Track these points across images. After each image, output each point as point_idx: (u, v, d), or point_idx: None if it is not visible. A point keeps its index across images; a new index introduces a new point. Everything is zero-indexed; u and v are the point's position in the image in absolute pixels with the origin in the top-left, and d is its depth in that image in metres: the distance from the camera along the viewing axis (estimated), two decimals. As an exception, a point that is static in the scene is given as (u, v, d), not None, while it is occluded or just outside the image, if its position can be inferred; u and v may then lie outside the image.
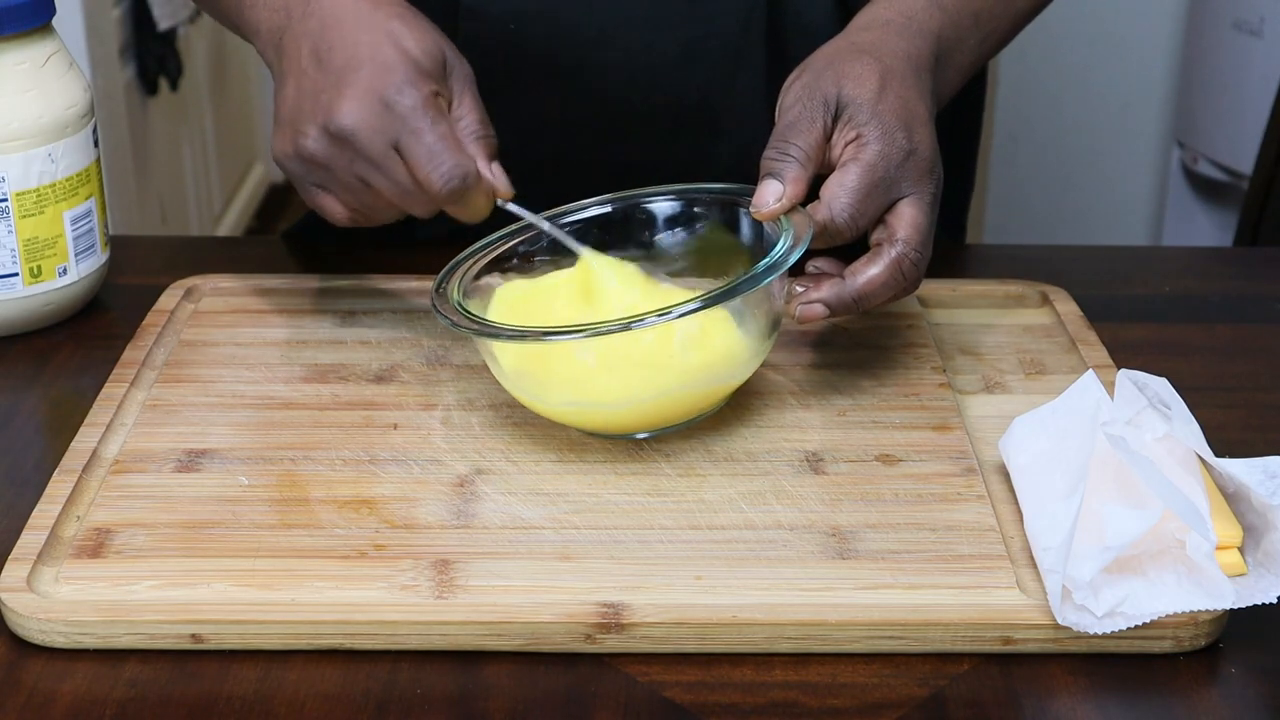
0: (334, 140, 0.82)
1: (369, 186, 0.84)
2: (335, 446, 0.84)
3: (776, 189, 0.83)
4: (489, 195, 0.85)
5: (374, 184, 0.83)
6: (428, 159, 0.82)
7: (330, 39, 0.84)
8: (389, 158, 0.82)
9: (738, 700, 0.68)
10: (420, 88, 0.82)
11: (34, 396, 0.93)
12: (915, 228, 0.83)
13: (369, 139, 0.82)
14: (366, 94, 0.82)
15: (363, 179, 0.83)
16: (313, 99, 0.83)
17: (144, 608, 0.71)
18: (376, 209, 0.85)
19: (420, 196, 0.83)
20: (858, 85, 0.84)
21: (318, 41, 0.85)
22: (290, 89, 0.85)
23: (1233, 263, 1.20)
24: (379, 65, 0.83)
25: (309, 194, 0.86)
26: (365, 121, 0.82)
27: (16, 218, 0.95)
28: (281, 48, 0.87)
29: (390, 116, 0.82)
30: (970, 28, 0.93)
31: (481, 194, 0.84)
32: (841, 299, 0.83)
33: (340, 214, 0.86)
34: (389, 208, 0.85)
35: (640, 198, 0.90)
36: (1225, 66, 2.38)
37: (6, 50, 0.94)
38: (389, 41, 0.84)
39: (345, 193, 0.85)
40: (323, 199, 0.86)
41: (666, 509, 0.78)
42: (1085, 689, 0.69)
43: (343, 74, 0.83)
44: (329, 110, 0.82)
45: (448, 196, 0.82)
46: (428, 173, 0.82)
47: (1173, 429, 0.74)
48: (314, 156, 0.83)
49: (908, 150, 0.83)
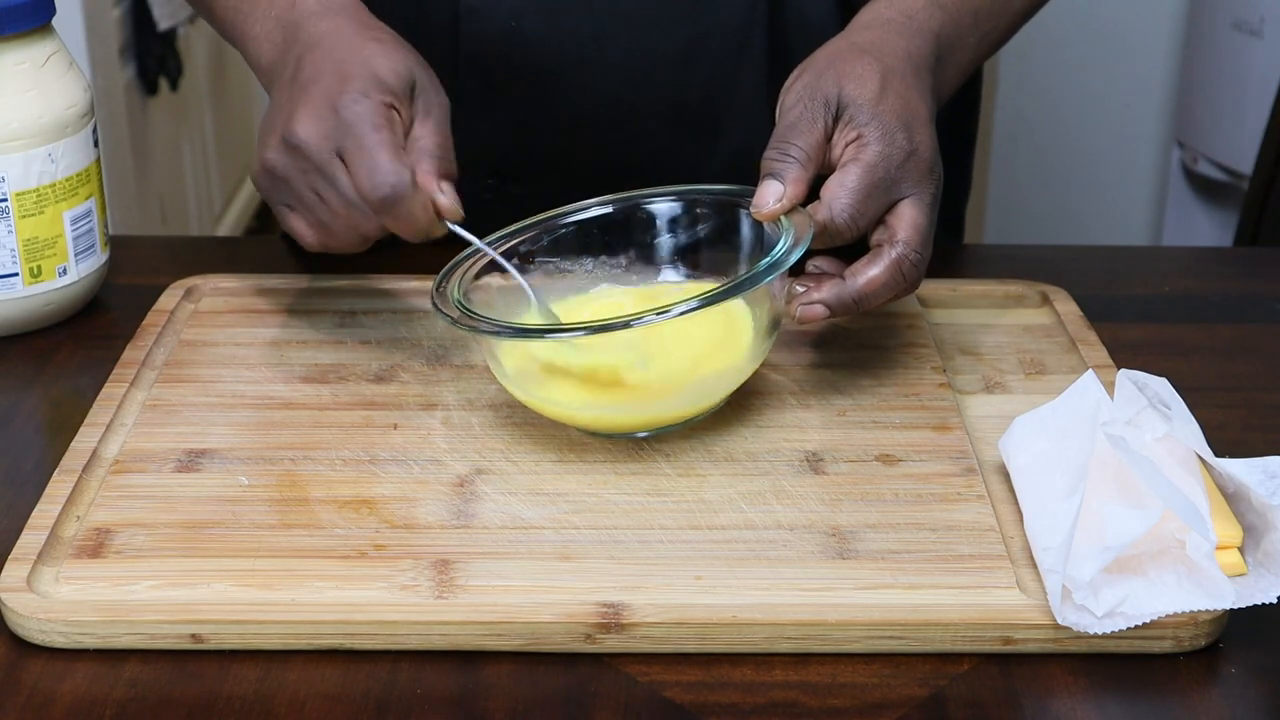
0: (289, 150, 0.83)
1: (322, 200, 0.83)
2: (335, 446, 0.84)
3: (777, 189, 0.83)
4: (427, 211, 0.83)
5: (324, 195, 0.83)
6: (362, 164, 0.81)
7: (307, 58, 0.85)
8: (332, 164, 0.82)
9: (738, 700, 0.68)
10: (372, 97, 0.82)
11: (34, 396, 0.93)
12: (915, 228, 0.83)
13: (316, 145, 0.82)
14: (320, 103, 0.82)
15: (315, 190, 0.83)
16: (278, 113, 0.85)
17: (144, 608, 0.71)
18: (334, 228, 0.84)
19: (362, 207, 0.82)
20: (858, 85, 0.84)
21: (296, 64, 0.86)
22: (269, 110, 0.86)
23: (1233, 263, 1.20)
24: (336, 78, 0.83)
25: (280, 215, 0.87)
26: (314, 129, 0.82)
27: (16, 218, 0.95)
28: (276, 76, 0.88)
29: (337, 123, 0.82)
30: (970, 26, 0.93)
31: (418, 207, 0.82)
32: (842, 299, 0.83)
33: (307, 234, 0.86)
34: (344, 226, 0.84)
35: (641, 199, 0.90)
36: (1225, 66, 2.38)
37: (6, 50, 0.94)
38: (356, 58, 0.84)
39: (305, 209, 0.85)
40: (291, 219, 0.86)
41: (666, 509, 0.78)
42: (1085, 689, 0.69)
43: (305, 87, 0.84)
44: (287, 121, 0.83)
45: (380, 203, 0.81)
46: (360, 177, 0.81)
47: (1173, 429, 0.74)
48: (274, 168, 0.84)
49: (908, 151, 0.83)
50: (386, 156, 0.81)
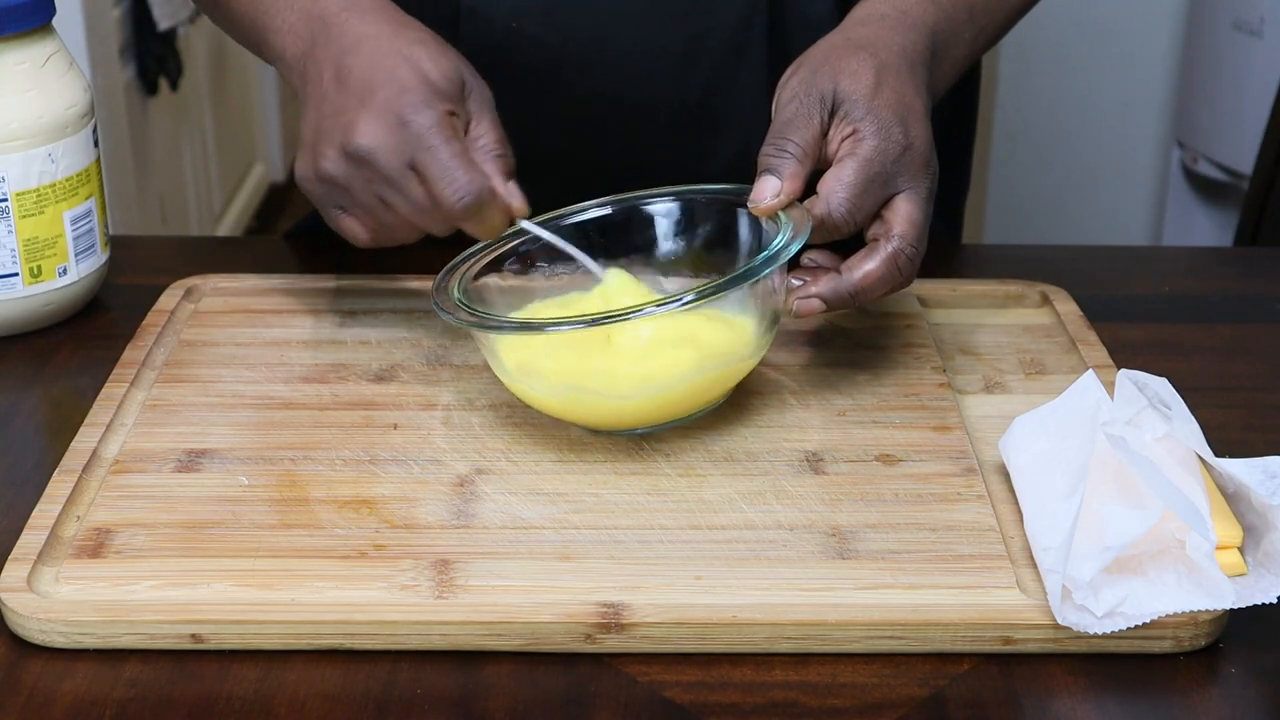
0: (352, 160, 0.83)
1: (387, 206, 0.84)
2: (335, 446, 0.84)
3: (774, 184, 0.83)
4: (504, 212, 0.85)
5: (392, 203, 0.84)
6: (443, 176, 0.82)
7: (350, 63, 0.85)
8: (405, 176, 0.83)
9: (738, 700, 0.68)
10: (435, 107, 0.83)
11: (34, 396, 0.93)
12: (911, 223, 0.83)
13: (386, 158, 0.83)
14: (383, 114, 0.83)
15: (381, 198, 0.84)
16: (332, 120, 0.84)
17: (144, 608, 0.71)
18: (395, 229, 0.86)
19: (437, 214, 0.84)
20: (853, 81, 0.84)
21: (339, 65, 0.86)
22: (312, 112, 0.86)
23: (1233, 263, 1.20)
24: (396, 86, 0.83)
25: (330, 216, 0.87)
26: (382, 141, 0.82)
27: (16, 218, 0.95)
28: (305, 73, 0.88)
29: (406, 135, 0.82)
30: (965, 22, 0.93)
31: (497, 211, 0.85)
32: (838, 293, 0.83)
33: (362, 235, 0.87)
34: (407, 227, 0.86)
35: (639, 199, 0.90)
36: (1225, 66, 2.38)
37: (6, 50, 0.94)
38: (407, 64, 0.84)
39: (365, 213, 0.86)
40: (344, 221, 0.87)
41: (666, 509, 0.78)
42: (1085, 689, 0.69)
43: (361, 95, 0.84)
44: (347, 131, 0.83)
45: (463, 213, 0.83)
46: (442, 189, 0.82)
47: (1173, 429, 0.74)
48: (333, 178, 0.84)
49: (904, 145, 0.83)
50: (462, 169, 0.82)
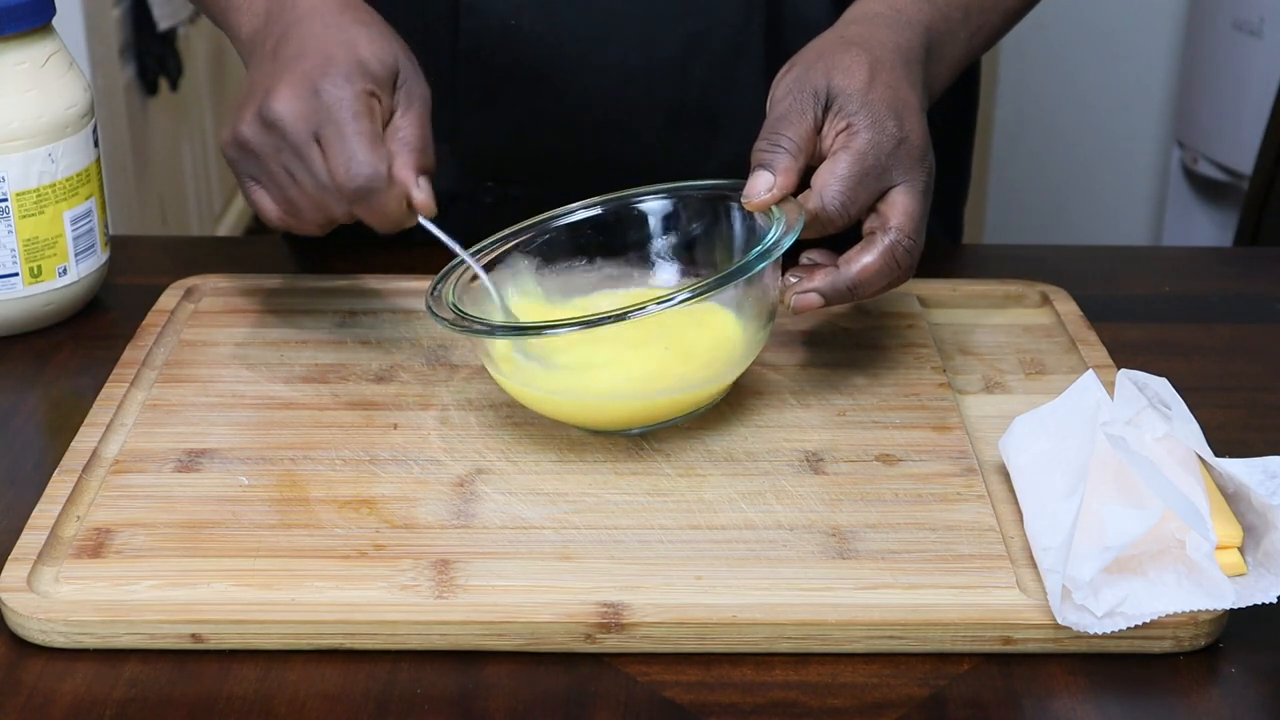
0: (264, 126, 0.83)
1: (293, 179, 0.83)
2: (335, 446, 0.84)
3: (767, 179, 0.83)
4: (400, 204, 0.83)
5: (296, 176, 0.83)
6: (340, 151, 0.81)
7: (290, 35, 0.85)
8: (309, 146, 0.82)
9: (738, 700, 0.68)
10: (355, 84, 0.82)
11: (34, 396, 0.93)
12: (908, 215, 0.83)
13: (293, 125, 0.82)
14: (301, 82, 0.82)
15: (288, 170, 0.83)
16: (255, 87, 0.84)
17: (144, 608, 0.71)
18: (301, 207, 0.84)
19: (335, 193, 0.82)
20: (847, 76, 0.84)
21: (280, 38, 0.86)
22: (246, 80, 0.86)
23: (1233, 263, 1.20)
24: (321, 58, 0.83)
25: (244, 187, 0.86)
26: (292, 108, 0.82)
27: (16, 218, 0.95)
28: (253, 48, 0.88)
29: (316, 105, 0.82)
30: (960, 21, 0.93)
31: (392, 200, 0.82)
32: (836, 288, 0.83)
33: (271, 211, 0.85)
34: (311, 205, 0.84)
35: (630, 198, 0.90)
36: (1225, 66, 2.38)
37: (6, 50, 0.94)
38: (340, 41, 0.84)
39: (273, 185, 0.84)
40: (255, 192, 0.86)
41: (666, 509, 0.78)
42: (1085, 689, 0.69)
43: (287, 64, 0.84)
44: (264, 96, 0.83)
45: (354, 193, 0.81)
46: (337, 164, 0.81)
47: (1173, 429, 0.74)
48: (247, 141, 0.84)
49: (898, 138, 0.83)
50: (364, 146, 0.81)
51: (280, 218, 0.86)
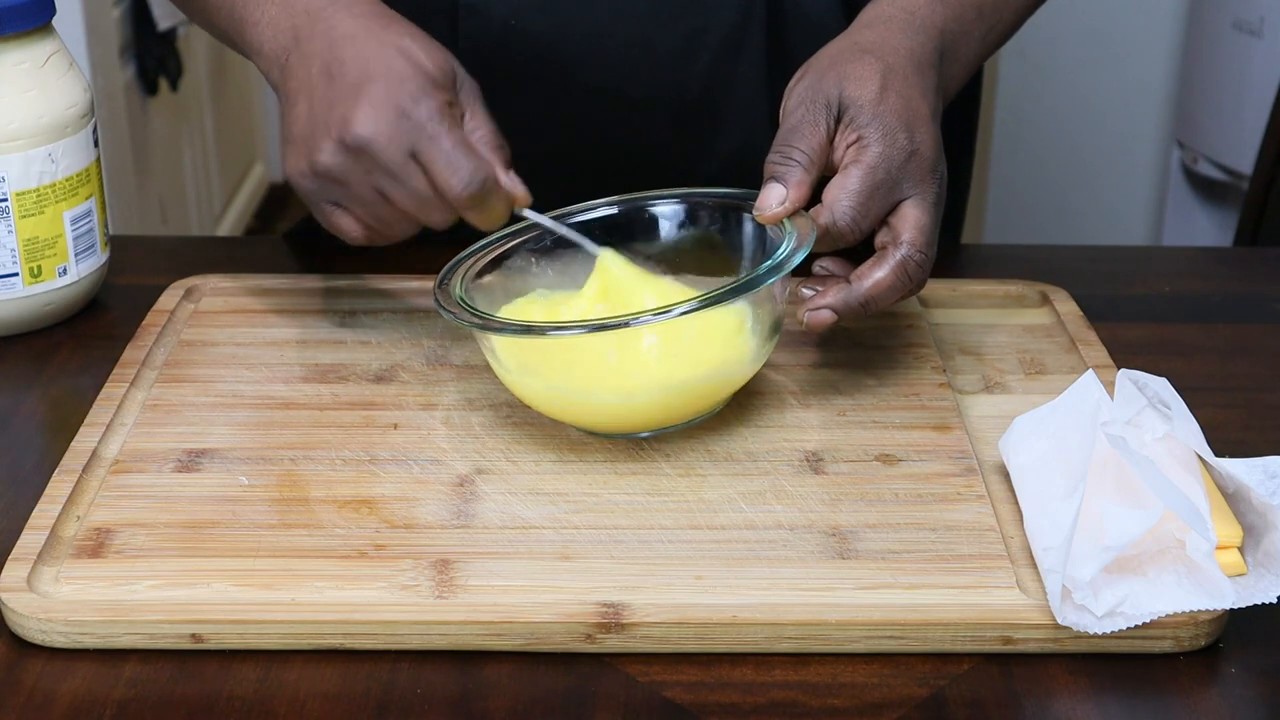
0: (350, 152, 0.82)
1: (385, 199, 0.84)
2: (335, 446, 0.84)
3: (779, 193, 0.83)
4: (507, 201, 0.85)
5: (391, 195, 0.83)
6: (447, 164, 0.82)
7: (341, 55, 0.85)
8: (407, 166, 0.82)
9: (738, 700, 0.68)
10: (435, 97, 0.83)
11: (34, 396, 0.93)
12: (919, 229, 0.83)
13: (386, 148, 0.82)
14: (382, 104, 0.82)
15: (380, 191, 0.83)
16: (326, 113, 0.83)
17: (144, 607, 0.71)
18: (392, 222, 0.85)
19: (439, 204, 0.83)
20: (859, 86, 0.84)
21: (328, 59, 0.85)
22: (302, 106, 0.85)
23: (1233, 263, 1.21)
24: (393, 77, 0.83)
25: (323, 213, 0.86)
26: (382, 131, 0.82)
27: (16, 218, 0.95)
28: (288, 67, 0.87)
29: (407, 125, 0.82)
30: (974, 21, 0.93)
31: (500, 199, 0.84)
32: (848, 304, 0.83)
33: (356, 231, 0.86)
34: (405, 220, 0.85)
35: (645, 200, 0.90)
36: (1225, 66, 2.38)
37: (6, 50, 0.94)
38: (400, 55, 0.84)
39: (361, 207, 0.85)
40: (338, 217, 0.86)
41: (666, 509, 0.78)
42: (1085, 689, 0.69)
43: (357, 87, 0.83)
44: (344, 123, 0.82)
45: (469, 201, 0.83)
46: (447, 178, 0.82)
47: (1173, 429, 0.74)
48: (329, 171, 0.83)
49: (909, 151, 0.83)
50: (467, 156, 0.82)
51: (366, 236, 0.86)
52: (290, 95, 0.86)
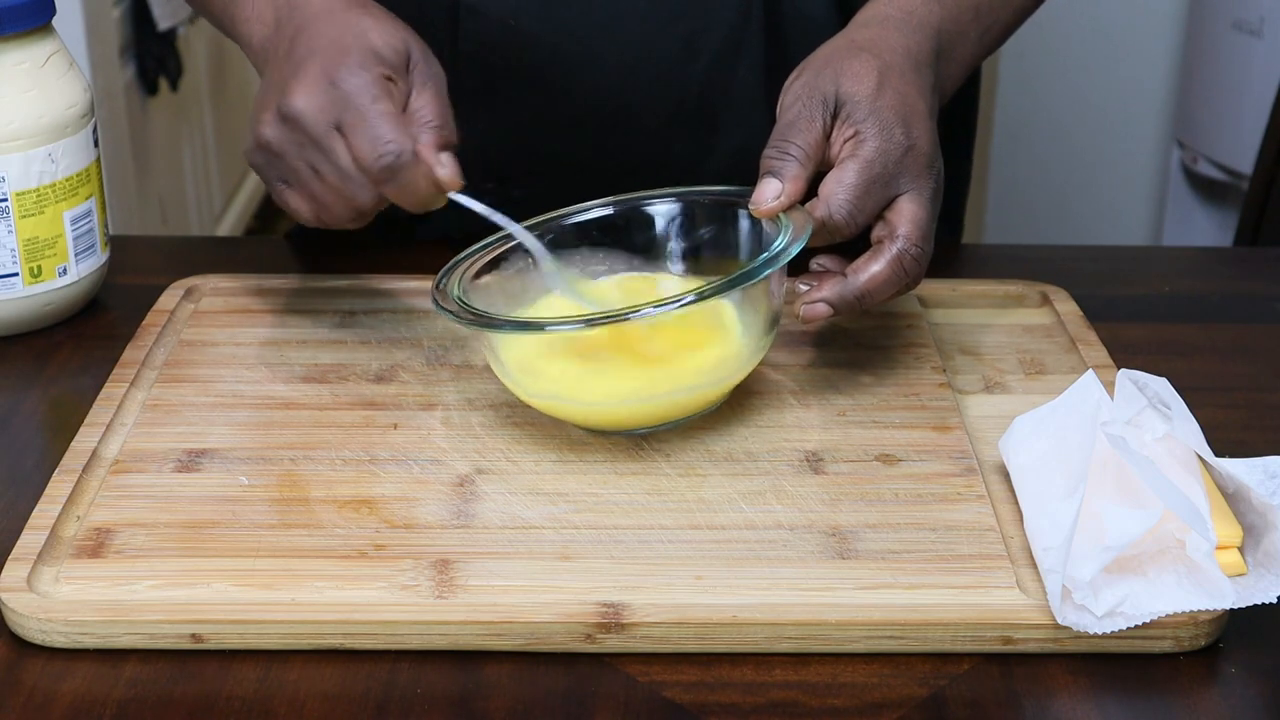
0: (285, 123, 0.83)
1: (317, 174, 0.83)
2: (335, 446, 0.84)
3: (775, 187, 0.83)
4: (430, 181, 0.83)
5: (319, 168, 0.83)
6: (363, 134, 0.81)
7: (301, 36, 0.86)
8: (331, 137, 0.82)
9: (738, 700, 0.68)
10: (370, 70, 0.83)
11: (34, 396, 0.93)
12: (915, 223, 0.83)
13: (313, 118, 0.82)
14: (317, 77, 0.82)
15: (311, 165, 0.83)
16: (275, 87, 0.84)
17: (144, 607, 0.71)
18: (328, 201, 0.84)
19: (360, 180, 0.82)
20: (855, 82, 0.84)
21: (293, 41, 0.86)
22: (262, 86, 0.86)
23: (1233, 263, 1.20)
24: (334, 50, 0.83)
25: (274, 191, 0.86)
26: (311, 101, 0.82)
27: (16, 218, 0.95)
28: (266, 55, 0.88)
29: (335, 95, 0.82)
30: (971, 21, 0.93)
31: (421, 177, 0.83)
32: (844, 298, 0.83)
33: (304, 209, 0.85)
34: (338, 199, 0.84)
35: (641, 200, 0.90)
36: (1225, 66, 2.38)
37: (6, 50, 0.94)
38: (350, 32, 0.84)
39: (300, 183, 0.84)
40: (286, 194, 0.86)
41: (666, 509, 0.78)
42: (1085, 689, 0.69)
43: (301, 61, 0.84)
44: (281, 93, 0.83)
45: (381, 173, 0.81)
46: (361, 148, 0.81)
47: (1173, 429, 0.74)
48: (269, 143, 0.84)
49: (906, 146, 0.83)
50: (387, 126, 0.81)
51: (312, 215, 0.86)
52: (262, 78, 0.88)
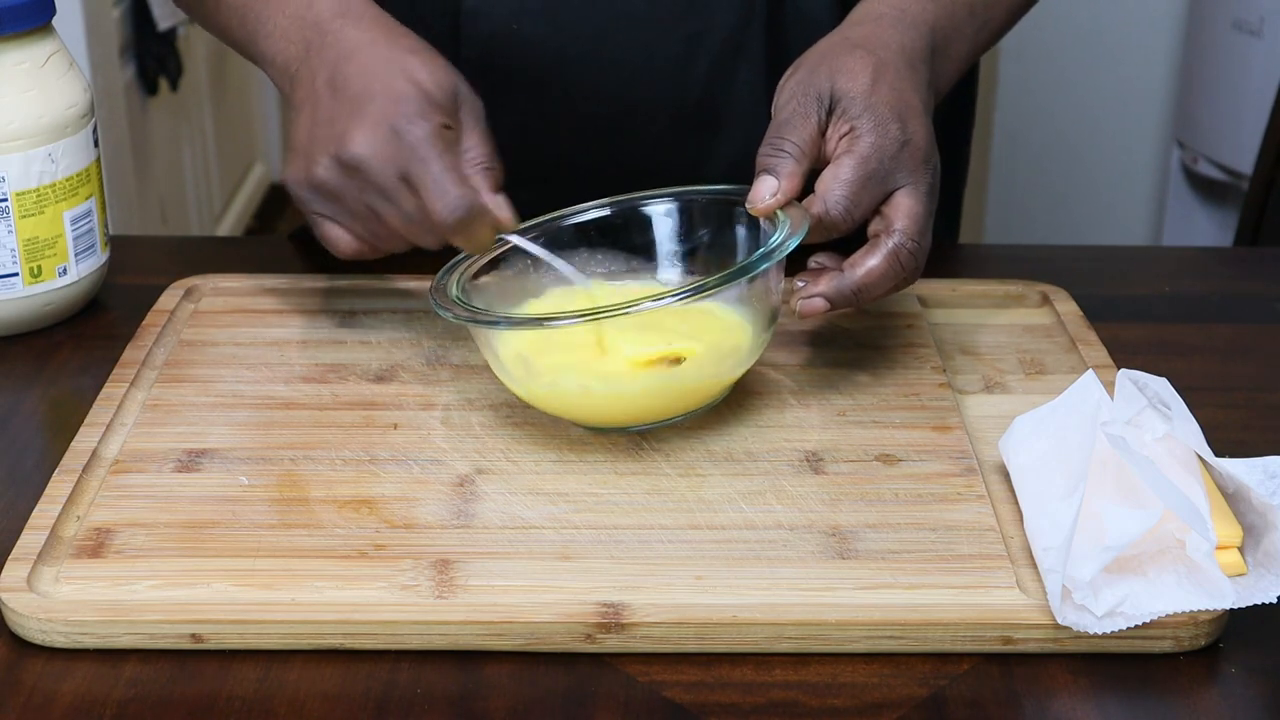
0: (345, 169, 0.83)
1: (378, 217, 0.84)
2: (335, 446, 0.84)
3: (771, 184, 0.83)
4: (492, 226, 0.85)
5: (382, 214, 0.84)
6: (434, 190, 0.82)
7: (346, 70, 0.85)
8: (398, 188, 0.83)
9: (738, 700, 0.68)
10: (430, 119, 0.83)
11: (34, 396, 0.93)
12: (912, 217, 0.83)
13: (379, 168, 0.82)
14: (378, 124, 0.83)
15: (372, 209, 0.84)
16: (327, 128, 0.84)
17: (144, 607, 0.71)
18: (383, 239, 0.86)
19: (426, 227, 0.84)
20: (850, 79, 0.84)
21: (334, 72, 0.86)
22: (305, 117, 0.86)
23: (1233, 263, 1.20)
24: (392, 96, 0.83)
25: (317, 224, 0.87)
26: (376, 151, 0.82)
27: (16, 218, 0.95)
28: (297, 77, 0.88)
29: (400, 146, 0.82)
30: (965, 18, 0.93)
31: (485, 225, 0.84)
32: (841, 292, 0.83)
33: (347, 244, 0.87)
34: (396, 239, 0.86)
35: (638, 200, 0.91)
36: (1225, 66, 2.38)
37: (6, 50, 0.94)
38: (402, 74, 0.84)
39: (354, 222, 0.85)
40: (330, 229, 0.87)
41: (666, 509, 0.78)
42: (1085, 689, 0.69)
43: (356, 103, 0.84)
44: (341, 139, 0.83)
45: (453, 227, 0.83)
46: (434, 203, 0.82)
47: (1173, 429, 0.74)
48: (325, 185, 0.84)
49: (902, 141, 0.83)
50: (454, 183, 0.82)
51: (356, 251, 0.87)
52: (297, 105, 0.87)
